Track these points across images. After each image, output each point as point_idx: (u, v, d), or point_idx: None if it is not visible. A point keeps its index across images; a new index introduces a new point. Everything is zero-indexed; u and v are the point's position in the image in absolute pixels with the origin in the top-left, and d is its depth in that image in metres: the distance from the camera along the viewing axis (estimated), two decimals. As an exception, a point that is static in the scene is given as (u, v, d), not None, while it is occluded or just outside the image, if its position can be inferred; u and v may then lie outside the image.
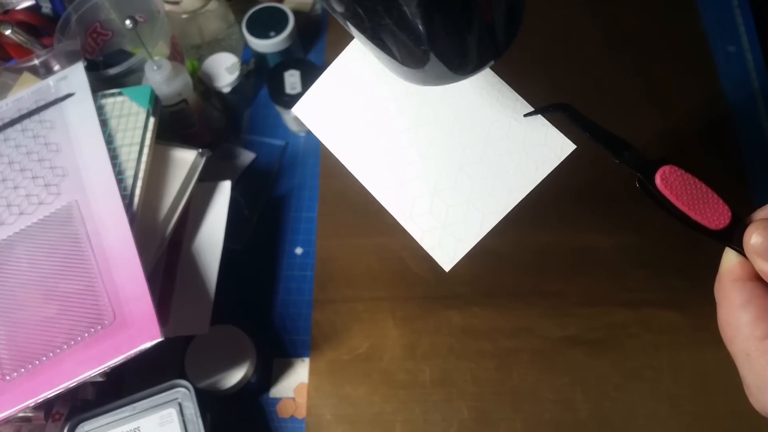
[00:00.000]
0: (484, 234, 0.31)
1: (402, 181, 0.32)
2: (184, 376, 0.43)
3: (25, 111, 0.46)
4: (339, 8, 0.23)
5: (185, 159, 0.47)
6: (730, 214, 0.26)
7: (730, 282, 0.26)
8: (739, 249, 0.26)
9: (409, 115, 0.32)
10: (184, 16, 0.57)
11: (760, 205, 0.26)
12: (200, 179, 0.47)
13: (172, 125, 0.53)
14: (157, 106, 0.47)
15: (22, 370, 0.38)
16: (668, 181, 0.26)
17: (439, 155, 0.31)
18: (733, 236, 0.26)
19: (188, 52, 0.59)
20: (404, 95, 0.32)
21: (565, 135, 0.30)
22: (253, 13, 0.59)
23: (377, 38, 0.24)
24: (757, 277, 0.26)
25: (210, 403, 0.43)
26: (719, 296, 0.26)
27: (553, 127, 0.30)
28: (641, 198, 0.27)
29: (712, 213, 0.26)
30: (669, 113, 0.57)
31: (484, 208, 0.31)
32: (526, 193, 0.30)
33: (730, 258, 0.26)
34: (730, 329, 0.26)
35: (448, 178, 0.31)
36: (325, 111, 0.34)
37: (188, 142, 0.48)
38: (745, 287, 0.25)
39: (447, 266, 0.31)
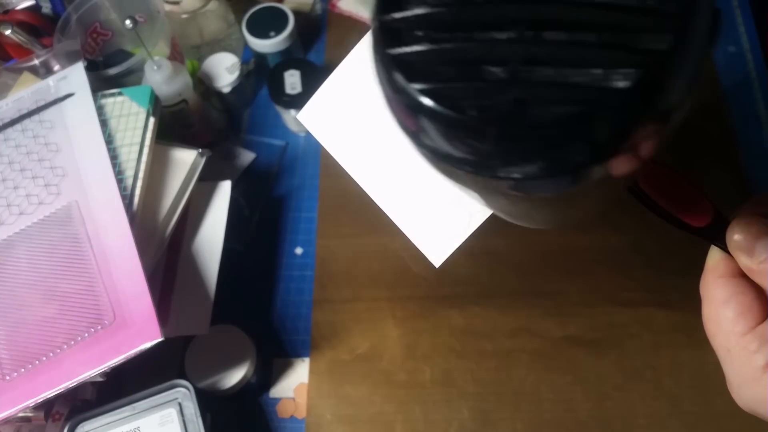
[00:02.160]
0: (472, 231, 0.32)
1: (396, 180, 0.33)
2: (183, 376, 0.43)
3: (25, 111, 0.46)
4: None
5: (185, 159, 0.47)
6: (712, 212, 0.26)
7: (714, 279, 0.26)
8: (723, 246, 0.26)
9: None
10: (184, 16, 0.57)
11: None
12: (200, 179, 0.47)
13: (172, 125, 0.53)
14: (157, 106, 0.47)
15: (22, 370, 0.38)
16: (651, 180, 0.26)
17: None
18: (717, 233, 0.26)
19: (188, 52, 0.59)
20: None
21: None
22: (253, 13, 0.59)
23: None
24: (740, 274, 0.26)
25: (210, 403, 0.43)
26: (703, 293, 0.27)
27: None
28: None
29: (696, 211, 0.26)
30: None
31: (471, 206, 0.32)
32: None
33: (714, 255, 0.27)
34: (712, 325, 0.26)
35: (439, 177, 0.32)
36: (327, 116, 0.34)
37: (188, 142, 0.48)
38: (728, 284, 0.26)
39: (437, 262, 0.32)
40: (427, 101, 0.17)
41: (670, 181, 0.26)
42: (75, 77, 0.47)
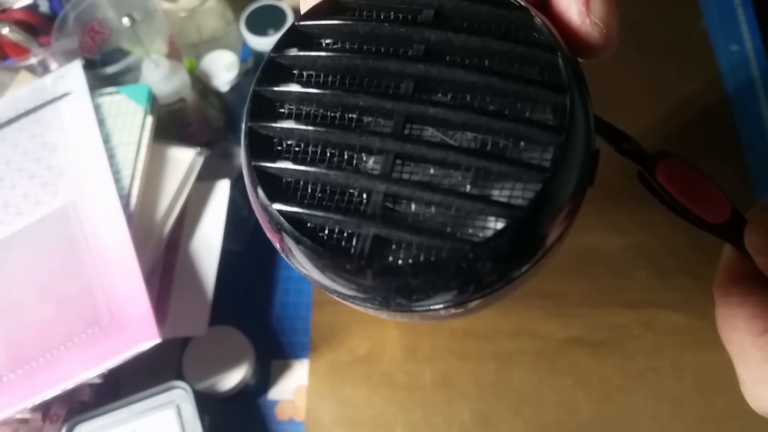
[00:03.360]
0: None
1: None
2: (181, 378, 0.43)
3: (22, 110, 0.46)
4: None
5: (183, 158, 0.46)
6: (730, 208, 0.26)
7: (729, 278, 0.26)
8: (739, 244, 0.25)
9: None
10: (182, 14, 0.57)
11: None
12: (198, 178, 0.47)
13: (170, 124, 0.53)
14: (154, 104, 0.47)
15: (20, 371, 0.38)
16: (669, 173, 0.26)
17: None
18: (733, 231, 0.25)
19: (186, 51, 0.59)
20: None
21: None
22: (252, 11, 0.59)
23: None
24: (756, 274, 0.25)
25: (208, 404, 0.42)
26: (717, 292, 0.26)
27: None
28: (644, 197, 0.27)
29: (713, 207, 0.26)
30: (670, 112, 0.57)
31: None
32: None
33: (729, 254, 0.26)
34: (727, 325, 0.25)
35: None
36: None
37: (186, 141, 0.48)
38: (743, 283, 0.25)
39: None
40: (286, 225, 0.17)
41: (688, 175, 0.26)
42: (72, 76, 0.46)
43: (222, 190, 0.48)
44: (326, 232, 0.17)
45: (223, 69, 0.56)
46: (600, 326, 0.48)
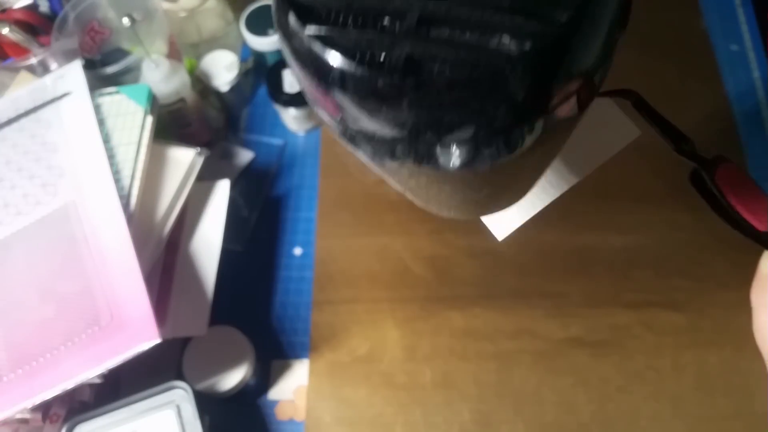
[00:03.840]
0: (538, 211, 0.31)
1: None
2: (181, 378, 0.43)
3: (22, 110, 0.46)
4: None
5: (183, 158, 0.46)
6: None
7: None
8: None
9: None
10: (182, 14, 0.57)
11: None
12: (198, 179, 0.47)
13: (170, 124, 0.53)
14: (154, 104, 0.47)
15: (20, 371, 0.38)
16: (726, 177, 0.26)
17: None
18: None
19: (186, 51, 0.59)
20: None
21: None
22: (252, 10, 0.59)
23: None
24: None
25: (208, 405, 0.42)
26: (756, 299, 0.26)
27: (620, 111, 0.29)
28: (644, 198, 0.27)
29: (762, 215, 0.26)
30: (671, 112, 0.57)
31: (539, 186, 0.31)
32: (583, 177, 0.30)
33: None
34: (767, 332, 0.25)
35: None
36: None
37: (186, 141, 0.48)
38: None
39: (500, 236, 0.32)
40: (317, 46, 0.17)
41: (742, 182, 0.26)
42: (72, 76, 0.46)
43: (222, 190, 0.48)
44: (359, 53, 0.16)
45: (223, 69, 0.56)
46: (600, 326, 0.48)
